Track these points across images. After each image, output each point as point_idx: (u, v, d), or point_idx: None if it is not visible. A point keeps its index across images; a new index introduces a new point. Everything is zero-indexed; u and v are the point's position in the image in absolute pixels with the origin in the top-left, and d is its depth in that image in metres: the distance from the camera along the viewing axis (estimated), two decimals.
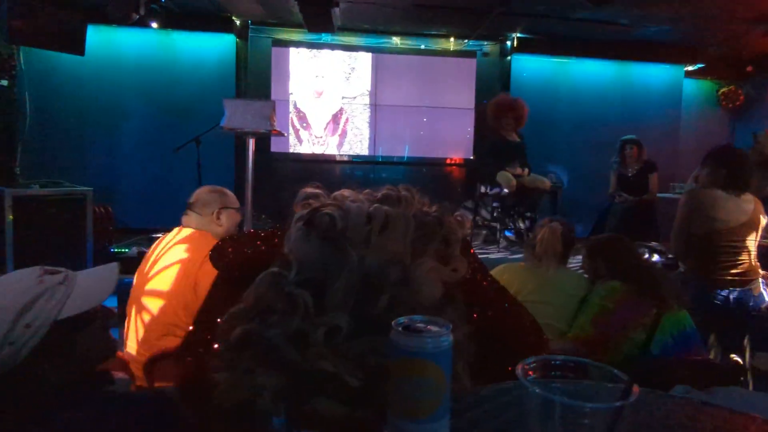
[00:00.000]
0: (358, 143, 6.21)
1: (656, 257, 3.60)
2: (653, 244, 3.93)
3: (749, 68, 6.17)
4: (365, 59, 6.13)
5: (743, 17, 4.84)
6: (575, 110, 6.13)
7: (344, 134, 6.18)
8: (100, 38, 5.13)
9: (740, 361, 2.19)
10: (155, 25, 4.72)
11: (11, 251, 3.88)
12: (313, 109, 6.14)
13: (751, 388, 2.17)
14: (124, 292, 2.90)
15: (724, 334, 2.39)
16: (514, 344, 0.83)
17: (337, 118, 6.17)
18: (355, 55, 6.13)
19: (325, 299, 0.55)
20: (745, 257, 2.40)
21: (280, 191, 5.06)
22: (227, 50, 5.72)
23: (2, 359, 0.89)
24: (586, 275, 2.07)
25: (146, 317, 1.82)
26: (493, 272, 1.07)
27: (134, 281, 1.93)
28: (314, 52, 6.06)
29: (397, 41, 6.14)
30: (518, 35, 5.94)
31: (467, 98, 6.25)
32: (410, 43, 6.19)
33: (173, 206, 2.01)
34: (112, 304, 1.86)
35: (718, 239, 2.39)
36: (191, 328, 0.99)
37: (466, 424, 0.61)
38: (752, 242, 2.42)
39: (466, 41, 6.10)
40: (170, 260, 1.86)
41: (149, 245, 4.26)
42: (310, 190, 0.70)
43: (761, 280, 2.45)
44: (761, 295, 2.43)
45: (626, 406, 0.45)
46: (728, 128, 6.66)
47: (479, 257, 0.84)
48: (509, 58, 6.13)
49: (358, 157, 6.23)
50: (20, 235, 3.93)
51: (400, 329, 0.50)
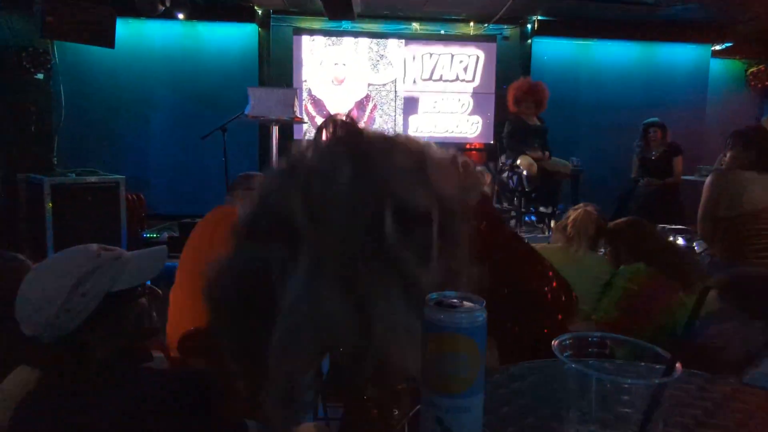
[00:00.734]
0: (389, 130, 6.26)
1: (681, 240, 3.58)
2: (678, 227, 3.90)
3: None
4: (393, 47, 6.15)
5: None
6: (597, 93, 6.05)
7: (371, 121, 6.24)
8: (128, 31, 5.29)
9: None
10: (182, 16, 4.84)
11: (51, 237, 4.09)
12: (332, 96, 6.20)
13: None
14: (159, 276, 3.03)
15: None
16: (539, 298, 0.84)
17: (363, 105, 6.22)
18: (384, 42, 6.16)
19: None
20: None
21: None
22: (250, 40, 5.82)
23: (59, 324, 0.97)
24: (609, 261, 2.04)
25: (179, 297, 1.93)
26: None
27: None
28: (333, 39, 6.11)
29: (416, 27, 6.14)
30: (539, 18, 5.87)
31: (487, 83, 6.23)
32: (430, 28, 6.18)
33: (201, 192, 2.11)
34: None
35: (746, 222, 2.32)
36: None
37: (497, 401, 0.61)
38: None
39: (486, 25, 6.06)
40: (193, 240, 1.95)
41: (179, 230, 4.42)
42: None
43: None
44: None
45: (668, 384, 0.43)
46: (757, 109, 6.47)
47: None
48: (530, 41, 6.07)
49: None
50: (58, 221, 4.13)
51: (432, 304, 0.49)
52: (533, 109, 4.69)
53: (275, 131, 3.98)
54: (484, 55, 6.20)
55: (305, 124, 5.82)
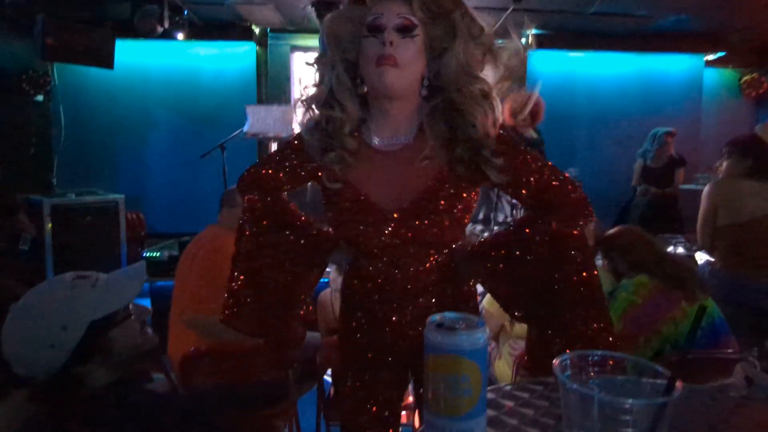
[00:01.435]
0: None
1: (681, 249, 3.58)
2: (678, 236, 3.89)
3: None
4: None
5: (765, 2, 4.75)
6: (594, 104, 6.09)
7: None
8: (127, 51, 5.33)
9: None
10: (181, 36, 4.89)
11: (50, 257, 4.08)
12: None
13: None
14: (156, 293, 3.02)
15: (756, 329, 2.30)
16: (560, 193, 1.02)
17: None
18: None
19: None
20: None
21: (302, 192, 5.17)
22: (248, 58, 5.87)
23: (47, 361, 0.96)
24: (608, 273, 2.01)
25: (177, 315, 1.92)
26: None
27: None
28: None
29: None
30: (534, 32, 5.94)
31: None
32: None
33: (201, 211, 2.12)
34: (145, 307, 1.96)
35: (745, 231, 2.32)
36: (235, 275, 1.14)
37: (501, 414, 0.62)
38: None
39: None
40: (181, 260, 1.96)
41: (179, 249, 4.41)
42: None
43: None
44: None
45: (670, 402, 0.43)
46: (752, 117, 6.51)
47: None
48: (525, 54, 6.13)
49: None
50: (58, 241, 4.12)
51: (434, 327, 0.49)
52: (529, 121, 4.71)
53: (274, 148, 4.00)
54: None
55: None
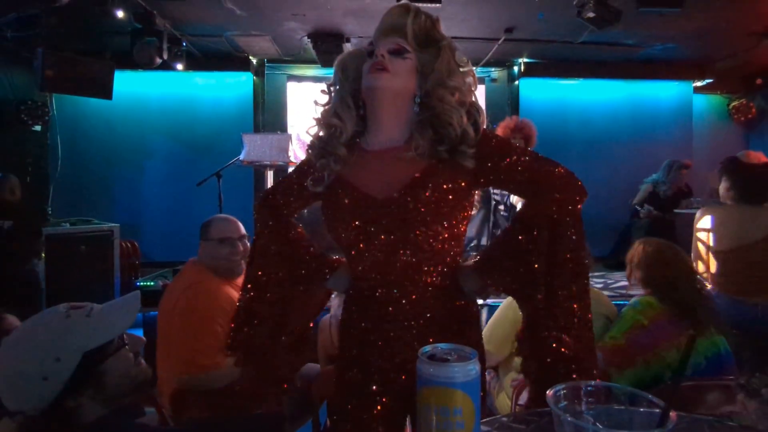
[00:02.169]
0: None
1: None
2: None
3: (758, 81, 6.17)
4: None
5: (750, 31, 4.89)
6: (586, 131, 6.18)
7: None
8: (125, 82, 5.41)
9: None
10: (180, 67, 4.98)
11: (44, 287, 4.04)
12: None
13: None
14: (150, 323, 2.98)
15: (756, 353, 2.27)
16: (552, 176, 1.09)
17: None
18: None
19: None
20: None
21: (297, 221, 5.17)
22: (245, 88, 5.96)
23: (39, 394, 0.94)
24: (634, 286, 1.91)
25: (163, 350, 1.89)
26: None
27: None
28: (325, 85, 6.27)
29: None
30: (525, 60, 6.07)
31: None
32: None
33: (196, 240, 2.09)
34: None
35: (739, 255, 2.31)
36: (248, 288, 1.22)
37: None
38: None
39: (474, 68, 6.24)
40: (167, 302, 1.94)
41: (173, 278, 4.38)
42: None
43: None
44: None
45: None
46: (742, 142, 6.62)
47: None
48: (517, 82, 6.25)
49: None
50: (52, 270, 4.09)
51: (425, 358, 0.48)
52: (523, 145, 4.78)
53: (270, 176, 4.02)
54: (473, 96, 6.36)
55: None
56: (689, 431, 0.64)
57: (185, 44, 5.05)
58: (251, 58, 5.82)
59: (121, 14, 3.93)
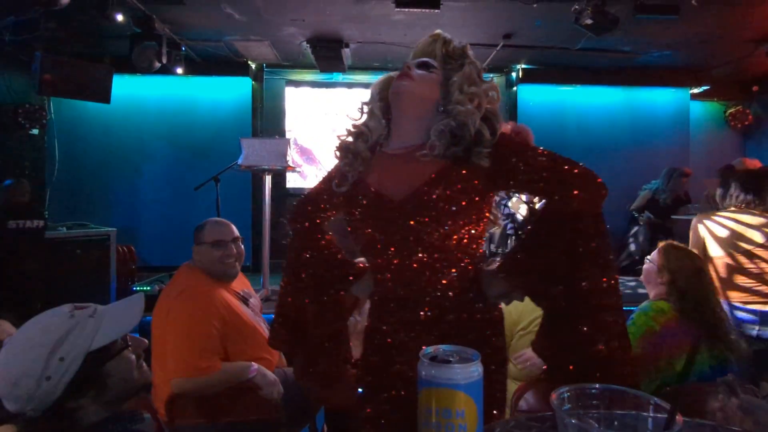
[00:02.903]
0: None
1: None
2: None
3: (755, 88, 6.20)
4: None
5: (746, 38, 4.92)
6: (583, 137, 6.20)
7: None
8: (124, 86, 5.41)
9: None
10: (180, 71, 4.98)
11: (39, 291, 4.01)
12: (322, 145, 6.30)
13: None
14: (146, 328, 2.96)
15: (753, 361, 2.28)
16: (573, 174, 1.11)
17: None
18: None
19: None
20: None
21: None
22: (243, 92, 5.97)
23: (41, 394, 0.93)
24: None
25: (158, 354, 1.87)
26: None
27: None
28: (323, 90, 6.29)
29: None
30: (523, 66, 6.10)
31: None
32: None
33: (192, 244, 2.09)
34: None
35: (737, 261, 2.32)
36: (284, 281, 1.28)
37: None
38: None
39: None
40: (162, 307, 1.92)
41: None
42: None
43: None
44: None
45: None
46: (739, 148, 6.65)
47: None
48: (515, 88, 6.27)
49: None
50: (47, 275, 4.07)
51: (427, 360, 0.48)
52: None
53: (268, 180, 4.01)
54: None
55: (297, 171, 5.90)
56: None
57: (184, 49, 5.05)
58: (250, 62, 5.83)
59: (120, 18, 3.93)
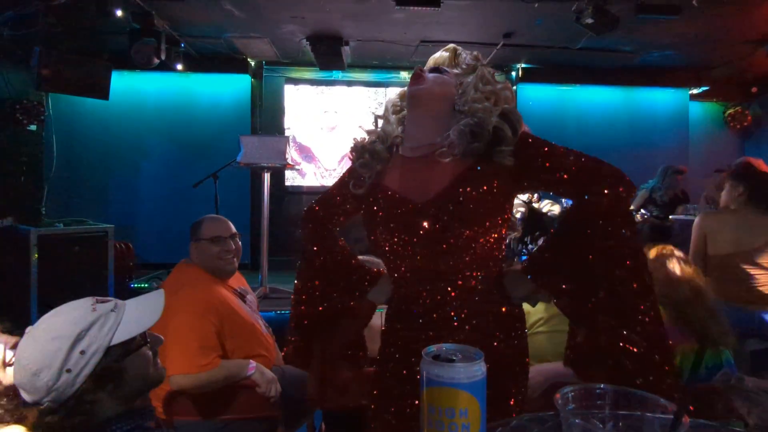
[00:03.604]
0: None
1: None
2: None
3: (754, 89, 6.21)
4: (392, 95, 6.31)
5: (746, 39, 4.93)
6: (583, 136, 6.19)
7: None
8: (122, 82, 5.39)
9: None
10: (180, 67, 4.96)
11: (35, 288, 3.99)
12: (321, 143, 6.28)
13: None
14: None
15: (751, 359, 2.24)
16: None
17: None
18: (383, 90, 6.31)
19: None
20: None
21: (295, 224, 5.16)
22: (243, 89, 5.95)
23: (60, 386, 0.93)
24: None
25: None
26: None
27: None
28: (322, 88, 6.27)
29: (405, 76, 6.34)
30: (523, 65, 6.09)
31: None
32: None
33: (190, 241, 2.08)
34: None
35: (738, 261, 2.31)
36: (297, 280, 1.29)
37: None
38: None
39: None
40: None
41: None
42: None
43: None
44: None
45: None
46: (738, 149, 6.66)
47: None
48: (515, 87, 6.27)
49: None
50: (44, 272, 4.04)
51: (430, 358, 0.47)
52: None
53: (267, 178, 4.00)
54: None
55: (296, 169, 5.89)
56: None
57: (183, 45, 5.03)
58: (249, 60, 5.81)
59: (119, 14, 3.91)
